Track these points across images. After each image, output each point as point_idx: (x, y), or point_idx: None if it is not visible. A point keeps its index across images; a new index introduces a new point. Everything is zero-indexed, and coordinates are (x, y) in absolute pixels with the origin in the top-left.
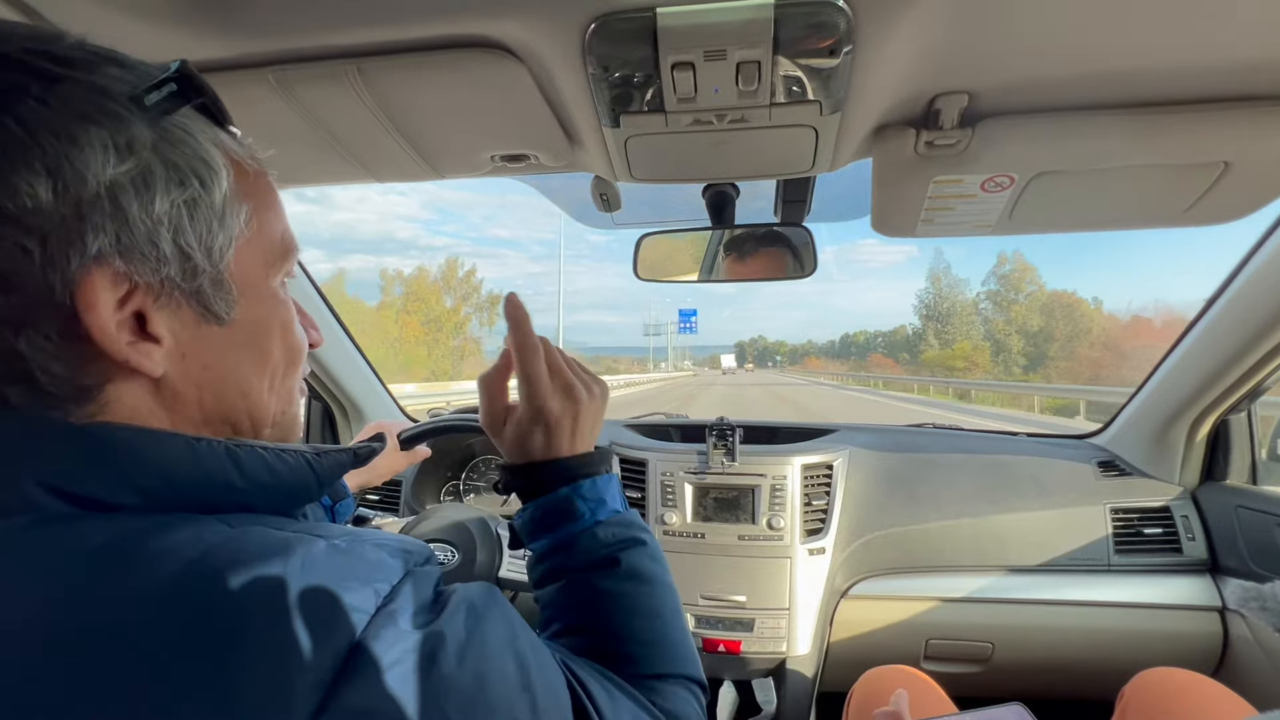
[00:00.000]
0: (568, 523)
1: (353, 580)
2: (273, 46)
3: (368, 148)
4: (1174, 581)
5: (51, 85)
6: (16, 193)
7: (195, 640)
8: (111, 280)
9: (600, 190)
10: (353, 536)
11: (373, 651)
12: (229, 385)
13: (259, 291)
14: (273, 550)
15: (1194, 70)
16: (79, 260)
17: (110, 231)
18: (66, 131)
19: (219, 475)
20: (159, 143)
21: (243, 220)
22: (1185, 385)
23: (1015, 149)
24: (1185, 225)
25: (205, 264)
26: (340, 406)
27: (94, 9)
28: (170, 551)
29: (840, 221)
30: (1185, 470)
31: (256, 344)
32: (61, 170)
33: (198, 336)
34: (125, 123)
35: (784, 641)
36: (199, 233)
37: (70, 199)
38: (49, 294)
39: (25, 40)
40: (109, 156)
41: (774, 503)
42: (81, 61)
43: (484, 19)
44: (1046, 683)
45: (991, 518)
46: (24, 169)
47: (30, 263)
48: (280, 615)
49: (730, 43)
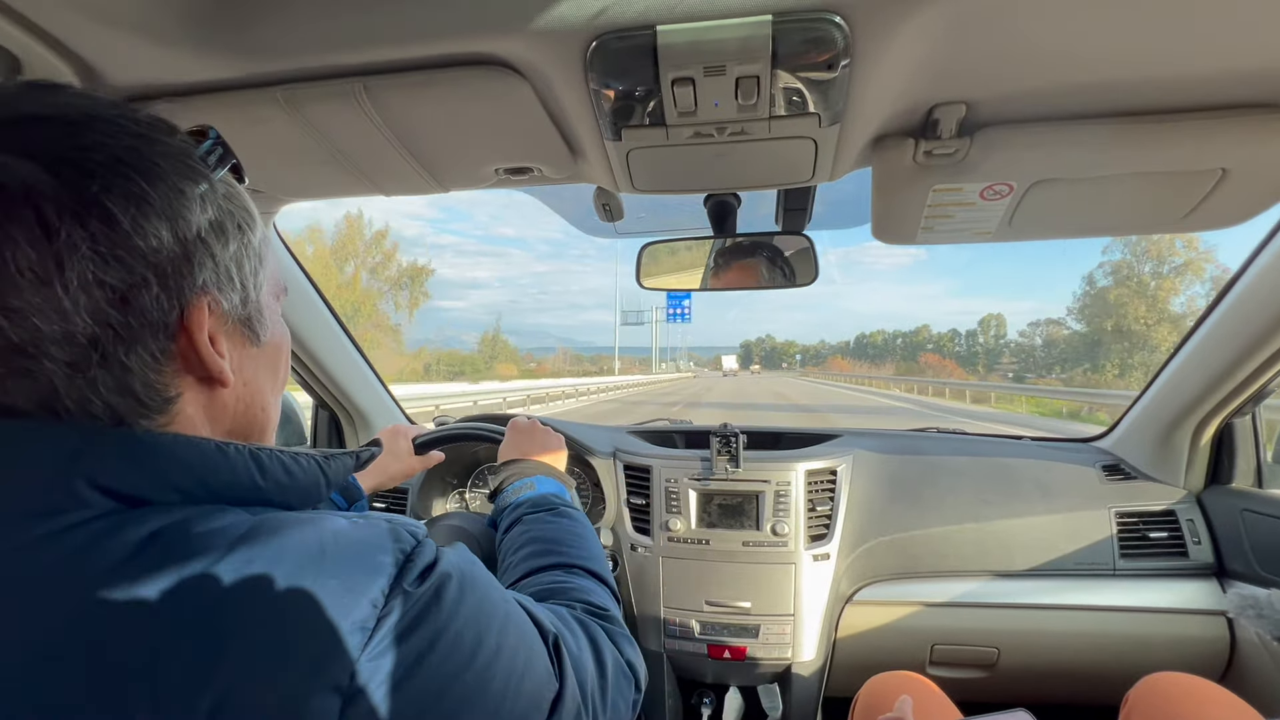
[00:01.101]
0: (529, 491)
1: (375, 546)
2: (281, 66)
3: (374, 163)
4: (1180, 586)
5: (153, 147)
6: (147, 235)
7: (257, 592)
8: (207, 307)
9: (603, 200)
10: (364, 515)
11: (398, 597)
12: (255, 400)
13: (275, 318)
14: (306, 521)
15: (1192, 79)
16: (190, 290)
17: (209, 267)
18: (176, 186)
19: (244, 475)
20: (224, 196)
21: (269, 261)
22: (1190, 388)
23: (1014, 157)
24: (1183, 231)
25: (252, 294)
26: (346, 414)
27: (109, 33)
28: (221, 530)
29: (841, 229)
30: (1190, 474)
31: (274, 363)
32: (176, 218)
33: (243, 356)
34: (206, 180)
35: (789, 647)
36: (250, 268)
37: (180, 240)
38: (161, 317)
39: (114, 109)
40: (202, 207)
41: (778, 509)
42: (161, 128)
43: (488, 38)
44: (1052, 688)
45: (996, 522)
46: (153, 216)
47: (148, 291)
48: (322, 573)
49: (729, 58)
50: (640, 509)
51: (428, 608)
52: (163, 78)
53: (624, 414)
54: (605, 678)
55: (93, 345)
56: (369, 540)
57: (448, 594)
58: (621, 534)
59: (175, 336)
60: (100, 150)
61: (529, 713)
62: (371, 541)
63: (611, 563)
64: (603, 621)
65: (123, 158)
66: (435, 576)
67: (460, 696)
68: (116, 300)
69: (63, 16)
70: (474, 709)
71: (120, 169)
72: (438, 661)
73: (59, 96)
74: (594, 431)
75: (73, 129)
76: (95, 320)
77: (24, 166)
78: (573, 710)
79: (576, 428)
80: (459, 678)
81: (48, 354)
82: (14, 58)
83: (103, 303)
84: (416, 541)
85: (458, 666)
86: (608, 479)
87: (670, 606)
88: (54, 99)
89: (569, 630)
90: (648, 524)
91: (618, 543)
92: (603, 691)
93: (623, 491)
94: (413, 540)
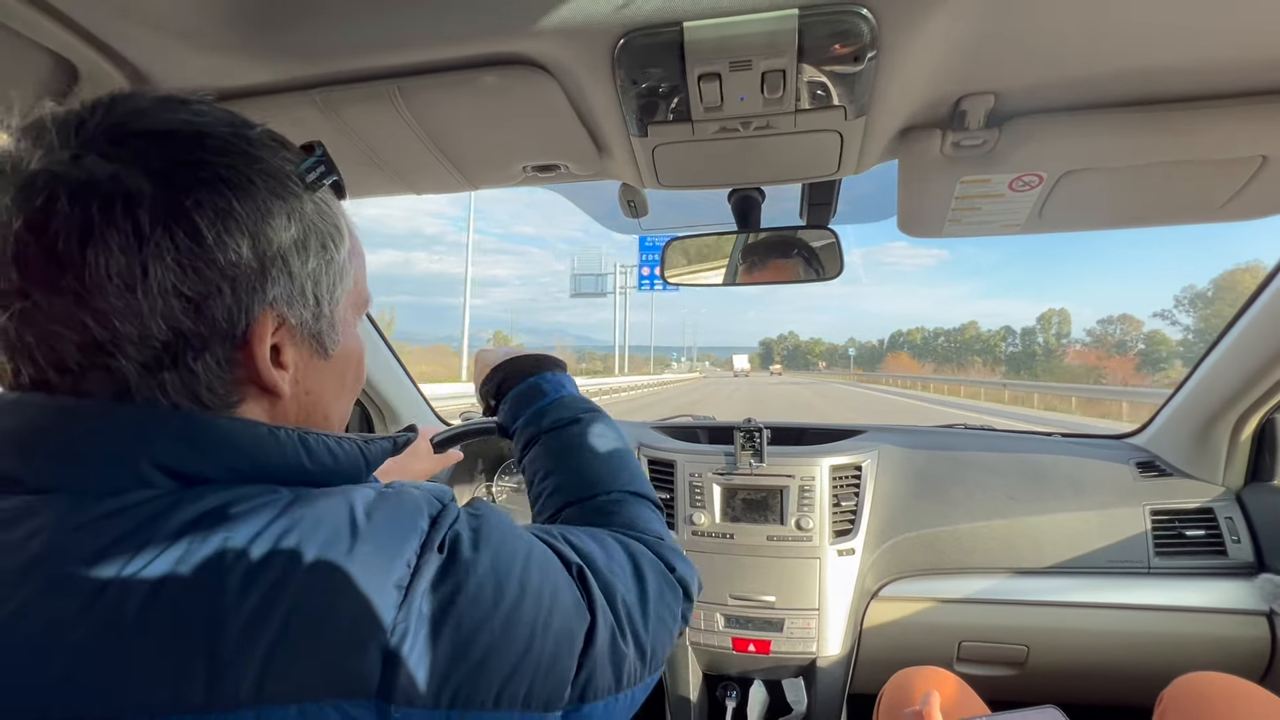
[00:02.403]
0: (538, 400)
1: (408, 511)
2: (318, 70)
3: (406, 162)
4: (1218, 585)
5: (253, 165)
6: (227, 249)
7: (310, 555)
8: (274, 320)
9: (628, 197)
10: (392, 485)
11: (429, 556)
12: (318, 408)
13: (351, 332)
14: (339, 493)
15: (1228, 63)
16: (260, 304)
17: (282, 283)
18: (265, 204)
19: (293, 457)
20: (314, 214)
21: (351, 276)
22: (1228, 383)
23: (1043, 148)
24: (1221, 220)
25: (327, 310)
26: (377, 409)
27: (160, 40)
28: (268, 504)
29: (866, 223)
30: (1229, 471)
31: (342, 375)
32: (259, 235)
33: (309, 367)
34: (297, 198)
35: (814, 642)
36: (329, 285)
37: (259, 255)
38: (230, 327)
39: (228, 125)
40: (287, 224)
41: (802, 503)
42: (267, 146)
43: (518, 38)
44: (1084, 687)
45: (1026, 519)
46: (236, 233)
47: (221, 301)
48: (360, 539)
49: (756, 53)
50: (665, 503)
51: (446, 565)
52: (207, 82)
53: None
54: (646, 593)
55: (165, 349)
56: (401, 505)
57: (462, 549)
58: None
59: (241, 346)
60: (204, 168)
61: (560, 648)
62: (404, 506)
63: None
64: (651, 539)
65: (221, 174)
66: (450, 534)
67: (487, 645)
68: (191, 310)
69: (118, 27)
70: (501, 655)
71: (217, 185)
72: (460, 614)
73: (180, 113)
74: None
75: (185, 145)
76: (170, 326)
77: (134, 179)
78: (606, 636)
79: None
80: (483, 627)
81: (125, 353)
82: (73, 67)
83: (178, 311)
84: (442, 505)
85: (481, 618)
86: None
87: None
88: (175, 115)
89: (602, 550)
90: (672, 518)
91: None
92: (643, 607)
93: None
94: (439, 504)
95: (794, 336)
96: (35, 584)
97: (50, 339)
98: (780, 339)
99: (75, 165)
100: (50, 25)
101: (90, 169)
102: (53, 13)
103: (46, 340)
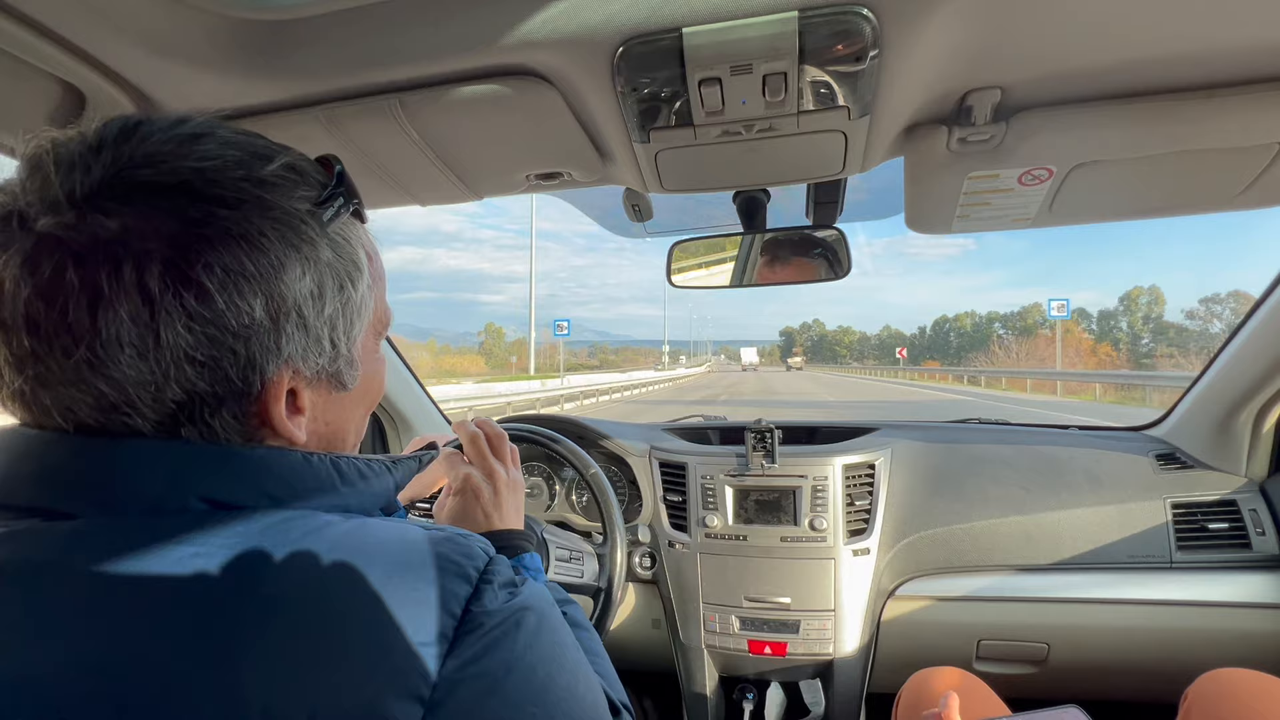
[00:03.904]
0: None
1: (453, 558)
2: (321, 87)
3: (411, 175)
4: (1242, 578)
5: (266, 214)
6: (240, 312)
7: (353, 588)
8: (290, 374)
9: (632, 201)
10: (440, 527)
11: (478, 612)
12: (336, 436)
13: (371, 358)
14: (392, 528)
15: (1239, 51)
16: (275, 363)
17: (297, 338)
18: (278, 258)
19: (326, 481)
20: (331, 256)
21: (370, 306)
22: (1250, 372)
23: (1052, 141)
24: (1239, 209)
25: (345, 349)
26: (390, 419)
27: (165, 64)
28: (315, 530)
29: (874, 220)
30: (1252, 462)
31: (362, 400)
32: (271, 294)
33: (328, 402)
34: (312, 245)
35: (830, 643)
36: (347, 325)
37: (272, 314)
38: (245, 385)
39: (240, 168)
40: (301, 275)
41: (815, 504)
42: (281, 186)
43: (519, 49)
44: (1106, 684)
45: (1043, 514)
46: (249, 294)
47: (235, 362)
48: (405, 583)
49: (756, 57)
50: (677, 506)
51: (506, 634)
52: (212, 103)
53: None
54: None
55: (181, 408)
56: (446, 553)
57: (526, 625)
58: (659, 531)
59: (256, 399)
60: (213, 224)
61: None
62: (449, 554)
63: (649, 560)
64: None
65: (232, 229)
66: (517, 604)
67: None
68: (205, 372)
69: (125, 52)
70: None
71: (227, 243)
72: (510, 689)
73: (189, 158)
74: (629, 429)
75: (194, 198)
76: (183, 389)
77: (142, 240)
78: None
79: (612, 426)
80: (523, 709)
81: (141, 413)
82: (80, 94)
83: (191, 375)
84: (489, 557)
85: (527, 698)
86: (644, 476)
87: (709, 603)
88: (184, 162)
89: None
90: (685, 520)
91: (655, 540)
92: None
93: (659, 489)
94: (485, 556)
95: (819, 325)
96: (100, 609)
97: (66, 400)
98: (804, 328)
99: (81, 226)
100: (56, 52)
101: (96, 231)
102: (58, 40)
103: (63, 402)
